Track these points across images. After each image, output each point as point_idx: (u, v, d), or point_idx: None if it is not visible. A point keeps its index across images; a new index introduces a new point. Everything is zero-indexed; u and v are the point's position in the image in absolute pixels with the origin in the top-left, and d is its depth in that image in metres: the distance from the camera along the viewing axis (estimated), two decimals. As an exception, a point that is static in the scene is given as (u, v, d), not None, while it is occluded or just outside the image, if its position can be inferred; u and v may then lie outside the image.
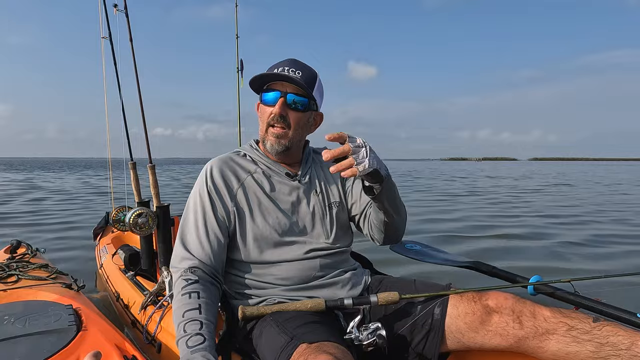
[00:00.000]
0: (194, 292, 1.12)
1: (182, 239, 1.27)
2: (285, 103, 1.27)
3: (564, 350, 1.07)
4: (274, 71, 1.27)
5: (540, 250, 4.77)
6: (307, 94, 1.29)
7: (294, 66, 1.28)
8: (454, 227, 6.30)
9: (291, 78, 1.25)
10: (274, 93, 1.27)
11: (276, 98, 1.27)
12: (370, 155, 1.06)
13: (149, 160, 2.01)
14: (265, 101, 1.30)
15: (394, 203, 1.26)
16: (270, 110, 1.28)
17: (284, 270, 1.27)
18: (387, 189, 1.18)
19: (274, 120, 1.28)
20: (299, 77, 1.26)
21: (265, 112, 1.30)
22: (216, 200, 1.29)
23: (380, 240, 1.41)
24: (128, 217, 1.77)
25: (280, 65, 1.28)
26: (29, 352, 1.05)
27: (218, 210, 1.28)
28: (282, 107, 1.26)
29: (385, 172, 1.16)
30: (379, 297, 1.20)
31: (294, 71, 1.27)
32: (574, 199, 10.89)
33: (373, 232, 1.40)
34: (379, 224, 1.33)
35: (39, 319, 1.25)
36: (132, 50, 1.96)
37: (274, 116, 1.27)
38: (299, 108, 1.29)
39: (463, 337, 1.18)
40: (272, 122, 1.29)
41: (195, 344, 0.98)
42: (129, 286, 1.94)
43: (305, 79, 1.27)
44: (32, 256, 2.29)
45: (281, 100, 1.26)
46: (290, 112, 1.28)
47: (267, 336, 1.12)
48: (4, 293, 1.57)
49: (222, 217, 1.28)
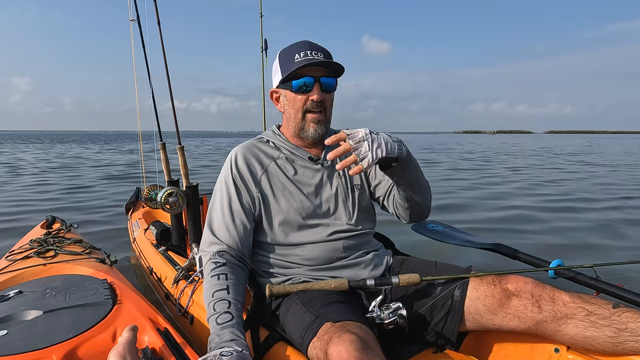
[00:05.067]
0: (222, 274, 1.17)
1: (210, 224, 1.32)
2: (321, 87, 1.28)
3: (582, 335, 1.08)
4: (295, 57, 1.26)
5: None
6: (334, 74, 1.30)
7: (315, 49, 1.28)
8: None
9: (324, 62, 1.25)
10: (307, 79, 1.27)
11: (311, 84, 1.27)
12: (372, 147, 1.07)
13: (178, 142, 2.06)
14: (298, 88, 1.28)
15: (416, 179, 1.27)
16: (306, 97, 1.28)
17: (309, 251, 1.31)
18: (405, 166, 1.19)
19: (312, 106, 1.29)
20: (322, 59, 1.26)
21: (298, 100, 1.30)
22: (241, 187, 1.33)
23: (407, 219, 1.42)
24: (159, 196, 1.85)
25: (301, 49, 1.28)
26: (71, 323, 1.12)
27: (243, 196, 1.32)
28: (319, 93, 1.27)
29: (399, 151, 1.16)
30: (400, 279, 1.23)
31: (316, 53, 1.27)
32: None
33: (399, 210, 1.40)
34: (403, 201, 1.34)
35: (77, 292, 1.33)
36: (160, 33, 1.98)
37: (313, 102, 1.28)
38: (331, 90, 1.31)
39: (482, 318, 1.21)
40: (311, 108, 1.30)
41: (224, 321, 1.04)
42: (162, 261, 2.03)
43: (326, 58, 1.28)
44: (67, 231, 2.40)
45: (317, 86, 1.27)
46: (325, 95, 1.30)
47: (294, 314, 1.17)
48: (44, 267, 1.66)
49: (247, 203, 1.32)
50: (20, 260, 1.75)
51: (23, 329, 1.10)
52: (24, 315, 1.18)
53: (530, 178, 9.56)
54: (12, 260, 1.76)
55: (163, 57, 1.97)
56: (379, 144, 1.09)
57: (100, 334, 1.09)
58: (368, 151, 1.07)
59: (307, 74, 1.27)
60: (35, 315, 1.17)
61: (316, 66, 1.27)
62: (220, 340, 0.99)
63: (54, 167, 11.94)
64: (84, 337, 1.06)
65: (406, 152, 1.19)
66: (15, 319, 1.16)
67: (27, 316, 1.17)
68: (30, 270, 1.63)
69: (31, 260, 1.75)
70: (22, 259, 1.78)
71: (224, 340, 0.98)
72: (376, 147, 1.08)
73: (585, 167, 12.91)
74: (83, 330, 1.09)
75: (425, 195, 1.35)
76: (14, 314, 1.18)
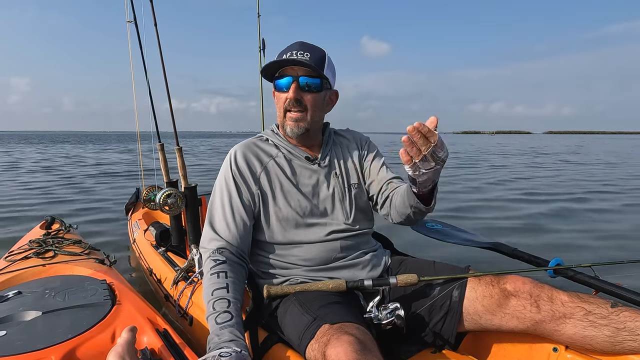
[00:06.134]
0: (222, 272, 1.17)
1: (210, 221, 1.33)
2: (299, 86, 1.29)
3: (580, 334, 1.09)
4: (283, 57, 1.28)
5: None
6: (318, 74, 1.29)
7: (302, 49, 1.29)
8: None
9: (300, 61, 1.26)
10: (286, 78, 1.29)
11: (289, 83, 1.29)
12: (444, 147, 1.00)
13: (176, 143, 2.06)
14: (279, 87, 1.32)
15: (432, 190, 1.18)
16: (285, 96, 1.30)
17: (306, 252, 1.32)
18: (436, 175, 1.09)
19: (290, 105, 1.30)
20: (308, 59, 1.27)
21: (280, 98, 1.32)
22: (241, 184, 1.33)
23: (397, 222, 1.38)
24: (158, 197, 1.85)
25: (289, 50, 1.30)
26: (71, 324, 1.12)
27: (243, 193, 1.33)
28: (296, 91, 1.28)
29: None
30: (398, 279, 1.23)
31: (302, 53, 1.28)
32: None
33: (392, 213, 1.36)
34: (405, 208, 1.26)
35: (76, 293, 1.33)
36: (157, 34, 1.98)
37: (290, 101, 1.29)
38: (312, 90, 1.31)
39: (480, 319, 1.21)
40: (289, 107, 1.31)
41: (223, 321, 1.04)
42: (161, 262, 2.04)
43: (314, 59, 1.28)
44: (66, 232, 2.39)
45: (294, 85, 1.28)
46: (304, 94, 1.30)
47: (291, 315, 1.17)
48: (43, 268, 1.66)
49: (247, 200, 1.33)
50: (19, 261, 1.75)
51: (22, 329, 1.10)
52: (23, 315, 1.18)
53: (503, 175, 10.36)
54: (11, 260, 1.76)
55: (160, 58, 1.97)
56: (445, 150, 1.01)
57: (99, 334, 1.09)
58: (444, 152, 1.00)
59: (289, 73, 1.29)
60: (34, 316, 1.17)
61: (293, 65, 1.28)
62: (219, 340, 0.99)
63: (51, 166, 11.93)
64: (83, 338, 1.06)
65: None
66: (14, 319, 1.16)
67: (26, 317, 1.17)
68: (29, 270, 1.62)
69: (30, 261, 1.75)
70: (21, 259, 1.78)
71: (223, 341, 0.98)
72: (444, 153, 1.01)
73: (563, 165, 13.64)
74: (82, 331, 1.09)
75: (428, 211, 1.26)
76: (13, 314, 1.17)
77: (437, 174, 1.07)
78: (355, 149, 1.47)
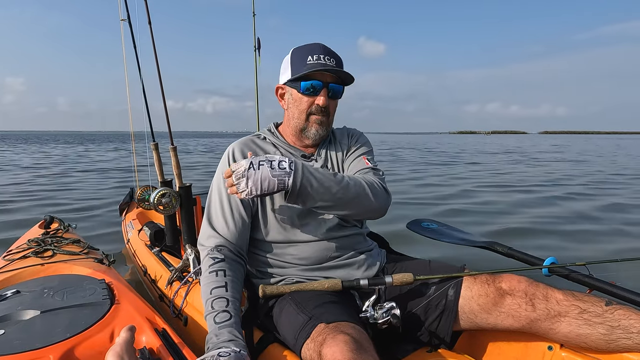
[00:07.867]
0: (221, 270, 1.18)
1: (208, 218, 1.33)
2: (328, 93, 1.30)
3: (575, 332, 1.10)
4: (308, 59, 1.27)
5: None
6: (343, 82, 1.31)
7: (328, 54, 1.29)
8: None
9: (332, 69, 1.26)
10: (316, 82, 1.28)
11: (319, 88, 1.28)
12: (248, 184, 1.10)
13: (171, 142, 2.06)
14: (305, 90, 1.30)
15: (325, 204, 1.20)
16: (312, 100, 1.30)
17: (301, 251, 1.32)
18: (296, 197, 1.15)
19: (317, 110, 1.31)
20: (334, 66, 1.28)
21: (304, 101, 1.31)
22: None
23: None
24: (152, 197, 1.85)
25: (313, 52, 1.28)
26: (69, 323, 1.12)
27: None
28: (326, 98, 1.29)
29: (281, 186, 1.12)
30: (394, 278, 1.24)
31: (329, 59, 1.28)
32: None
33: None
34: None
35: (75, 293, 1.33)
36: (151, 33, 1.98)
37: (318, 106, 1.30)
38: (337, 96, 1.33)
39: (476, 317, 1.22)
40: (315, 112, 1.32)
41: (222, 320, 1.05)
42: (156, 262, 2.02)
43: (338, 65, 1.30)
44: (65, 231, 2.39)
45: (325, 91, 1.29)
46: (330, 101, 1.32)
47: (287, 315, 1.18)
48: (42, 267, 1.66)
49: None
50: (17, 260, 1.76)
51: (20, 328, 1.10)
52: (22, 315, 1.18)
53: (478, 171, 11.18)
54: (9, 259, 1.76)
55: (154, 57, 1.97)
56: (254, 181, 1.10)
57: (98, 334, 1.10)
58: (245, 188, 1.11)
59: (317, 77, 1.28)
60: (32, 315, 1.17)
61: (328, 72, 1.28)
62: (218, 340, 0.99)
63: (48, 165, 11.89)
64: (82, 337, 1.06)
65: (296, 185, 1.12)
66: (12, 318, 1.16)
67: (24, 316, 1.17)
68: (28, 270, 1.63)
69: (29, 260, 1.76)
70: (20, 258, 1.78)
71: (222, 341, 0.98)
72: (251, 185, 1.10)
73: (539, 163, 14.48)
74: (81, 330, 1.09)
75: (352, 208, 1.24)
76: (12, 313, 1.18)
77: (264, 188, 1.12)
78: (345, 145, 1.48)
